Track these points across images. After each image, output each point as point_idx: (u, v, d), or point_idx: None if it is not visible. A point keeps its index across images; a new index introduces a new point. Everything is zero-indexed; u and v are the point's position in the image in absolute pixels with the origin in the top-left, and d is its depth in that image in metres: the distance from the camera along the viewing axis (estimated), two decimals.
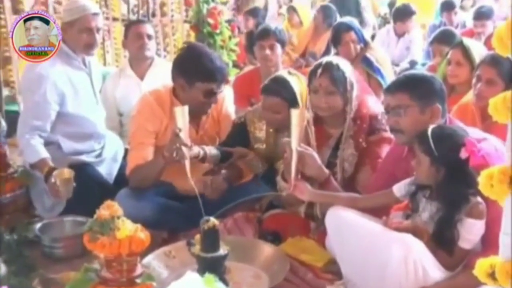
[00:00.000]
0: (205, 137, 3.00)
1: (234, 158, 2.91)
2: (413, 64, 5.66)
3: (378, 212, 2.23)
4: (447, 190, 2.00)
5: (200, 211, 2.29)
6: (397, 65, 5.59)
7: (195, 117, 2.85)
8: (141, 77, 3.68)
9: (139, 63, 3.68)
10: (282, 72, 2.93)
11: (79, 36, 2.99)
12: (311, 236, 2.62)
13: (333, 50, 4.69)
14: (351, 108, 2.52)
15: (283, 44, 3.91)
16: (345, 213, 2.19)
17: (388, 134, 2.51)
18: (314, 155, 2.41)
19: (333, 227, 2.22)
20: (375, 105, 2.63)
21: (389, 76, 4.23)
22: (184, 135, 2.49)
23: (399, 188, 2.18)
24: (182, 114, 2.49)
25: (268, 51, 3.83)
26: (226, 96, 3.08)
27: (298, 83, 2.80)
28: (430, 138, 2.02)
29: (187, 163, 2.48)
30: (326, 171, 2.44)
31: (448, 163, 1.99)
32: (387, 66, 4.37)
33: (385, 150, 2.52)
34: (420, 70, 4.78)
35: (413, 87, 2.19)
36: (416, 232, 2.02)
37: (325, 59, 2.58)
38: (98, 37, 3.09)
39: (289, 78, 2.83)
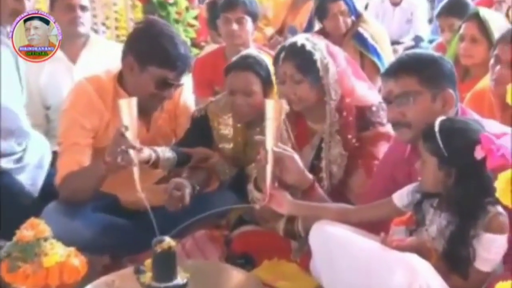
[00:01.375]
0: (158, 136, 3.00)
1: (193, 162, 2.91)
2: (418, 40, 5.74)
3: (375, 227, 2.24)
4: (460, 198, 2.02)
5: (151, 229, 2.28)
6: (397, 42, 5.65)
7: (145, 111, 2.84)
8: (73, 60, 3.65)
9: (70, 42, 3.63)
10: (252, 50, 2.96)
11: None
12: (292, 259, 2.63)
13: (317, 25, 4.72)
14: (330, 97, 2.54)
15: (254, 17, 3.92)
16: (334, 229, 2.19)
17: (386, 129, 2.54)
18: (294, 157, 2.42)
19: (319, 246, 2.22)
20: (368, 93, 2.65)
21: (387, 57, 4.28)
22: (131, 135, 2.47)
23: (401, 197, 2.19)
24: (128, 107, 2.46)
25: (235, 26, 3.84)
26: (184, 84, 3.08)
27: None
28: (437, 133, 2.03)
29: (135, 169, 2.45)
30: (310, 176, 2.45)
31: (460, 165, 2.01)
32: (385, 44, 4.43)
33: (382, 149, 2.54)
34: (427, 48, 4.85)
35: (422, 69, 2.21)
36: (422, 251, 2.03)
37: (288, 41, 2.61)
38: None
39: (262, 56, 2.86)
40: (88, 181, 2.72)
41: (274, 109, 2.31)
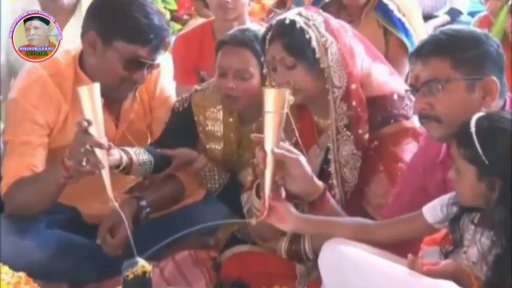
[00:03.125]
0: (130, 134, 3.01)
1: (173, 167, 2.93)
2: (455, 15, 5.73)
3: (401, 247, 2.25)
4: (506, 215, 2.02)
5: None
6: (430, 16, 5.66)
7: (113, 102, 2.86)
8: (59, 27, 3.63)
9: (55, 6, 3.67)
10: (252, 24, 2.96)
11: None
12: (297, 287, 2.64)
13: None
14: (333, 84, 2.52)
15: None
16: (349, 249, 2.20)
17: (412, 123, 2.55)
18: (300, 160, 2.41)
19: (331, 271, 2.23)
20: (388, 79, 2.66)
21: (418, 34, 4.28)
22: (96, 130, 2.47)
23: (434, 210, 2.20)
24: (89, 96, 2.45)
25: None
26: (162, 68, 3.09)
27: None
28: (474, 135, 2.03)
29: (104, 172, 2.46)
30: (320, 184, 2.46)
31: (506, 175, 2.01)
32: (415, 18, 4.42)
33: (408, 148, 2.55)
34: (467, 23, 4.84)
35: (457, 50, 2.22)
36: (460, 278, 2.05)
37: (275, 18, 2.61)
38: None
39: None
40: (43, 190, 2.72)
41: (275, 101, 2.31)
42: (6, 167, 2.86)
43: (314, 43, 2.50)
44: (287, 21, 2.51)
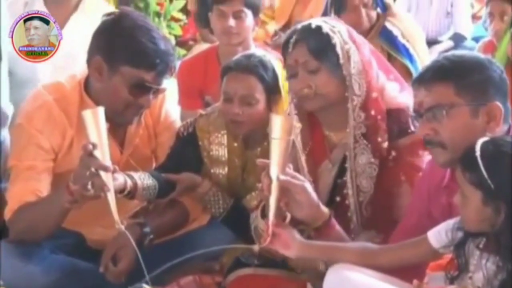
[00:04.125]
0: (135, 159, 3.00)
1: (178, 192, 2.93)
2: (458, 40, 5.74)
3: (406, 272, 2.24)
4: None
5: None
6: (434, 42, 5.66)
7: (117, 128, 2.87)
8: (61, 24, 3.57)
9: (58, 2, 3.67)
10: (258, 50, 2.96)
11: None
12: None
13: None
14: (353, 92, 2.53)
15: (255, 10, 3.93)
16: (354, 274, 2.20)
17: None
18: (306, 187, 2.42)
19: None
20: (399, 95, 2.66)
21: (422, 59, 4.29)
22: (101, 153, 2.47)
23: (438, 235, 2.20)
24: (94, 120, 2.47)
25: (232, 22, 3.84)
26: (167, 93, 3.09)
27: (282, 70, 2.86)
28: (479, 160, 2.03)
29: (110, 196, 2.46)
30: (325, 210, 2.45)
31: (511, 199, 2.01)
32: (419, 43, 4.44)
33: (426, 160, 2.54)
34: (472, 48, 4.83)
35: (460, 76, 2.22)
36: None
37: (300, 24, 2.61)
38: None
39: (270, 57, 2.89)
40: (47, 215, 2.72)
41: (282, 127, 2.32)
42: (11, 192, 2.85)
43: (338, 49, 2.52)
44: (313, 26, 2.53)
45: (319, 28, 2.53)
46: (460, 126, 2.20)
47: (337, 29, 2.56)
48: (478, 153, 2.04)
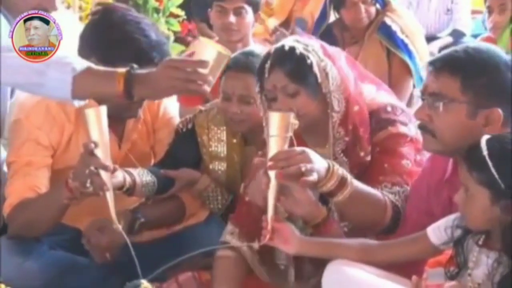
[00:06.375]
0: (133, 155, 3.01)
1: (176, 188, 2.93)
2: (457, 36, 5.74)
3: (406, 269, 2.24)
4: None
5: (123, 271, 2.30)
6: (433, 38, 5.66)
7: (116, 123, 2.86)
8: None
9: None
10: (257, 47, 2.95)
11: None
12: None
13: (333, 15, 4.73)
14: (333, 109, 2.52)
15: (255, 7, 3.93)
16: (353, 270, 2.20)
17: (411, 132, 2.54)
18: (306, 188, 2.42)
19: None
20: (376, 95, 2.66)
21: (421, 55, 4.29)
22: (102, 152, 2.47)
23: (438, 231, 2.20)
24: (97, 118, 2.47)
25: (232, 18, 3.84)
26: None
27: None
28: (487, 158, 2.01)
29: (109, 195, 2.46)
30: (323, 208, 2.45)
31: None
32: (418, 39, 4.44)
33: (408, 151, 2.53)
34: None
35: (471, 74, 2.21)
36: None
37: (274, 46, 2.59)
38: None
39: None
40: (46, 211, 2.72)
41: (279, 125, 2.32)
42: (9, 188, 2.85)
43: (315, 68, 2.49)
44: (286, 48, 2.50)
45: (292, 49, 2.49)
46: (453, 122, 2.21)
47: (310, 47, 2.52)
48: (485, 152, 2.01)
